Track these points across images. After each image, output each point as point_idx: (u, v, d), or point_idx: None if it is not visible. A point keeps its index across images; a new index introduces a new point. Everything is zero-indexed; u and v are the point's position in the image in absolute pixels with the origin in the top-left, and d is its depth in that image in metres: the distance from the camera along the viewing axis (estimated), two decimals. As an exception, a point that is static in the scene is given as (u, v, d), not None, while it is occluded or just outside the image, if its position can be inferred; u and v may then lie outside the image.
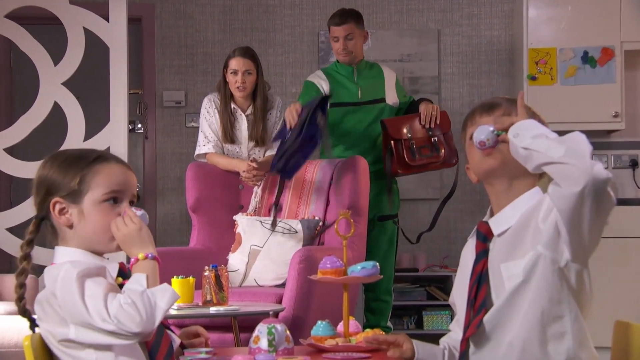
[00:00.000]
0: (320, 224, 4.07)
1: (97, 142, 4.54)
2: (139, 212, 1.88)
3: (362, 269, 2.13)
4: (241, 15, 5.66)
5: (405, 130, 4.23)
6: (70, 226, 1.88)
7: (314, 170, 4.23)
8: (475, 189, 5.49)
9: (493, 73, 5.65)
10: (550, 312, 1.90)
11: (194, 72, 5.63)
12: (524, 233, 1.95)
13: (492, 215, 2.07)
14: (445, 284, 5.34)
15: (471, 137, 2.05)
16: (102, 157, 1.91)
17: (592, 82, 5.15)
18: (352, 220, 2.25)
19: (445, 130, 4.32)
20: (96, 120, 4.67)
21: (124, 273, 1.92)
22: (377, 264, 2.16)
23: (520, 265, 1.91)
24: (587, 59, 5.18)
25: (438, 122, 4.27)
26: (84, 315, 1.72)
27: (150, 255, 1.84)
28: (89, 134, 4.59)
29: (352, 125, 4.34)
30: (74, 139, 4.54)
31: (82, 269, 1.78)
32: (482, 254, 2.01)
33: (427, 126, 4.25)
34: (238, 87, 4.18)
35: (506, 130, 1.96)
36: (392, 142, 4.24)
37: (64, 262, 1.83)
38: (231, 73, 4.20)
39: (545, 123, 2.06)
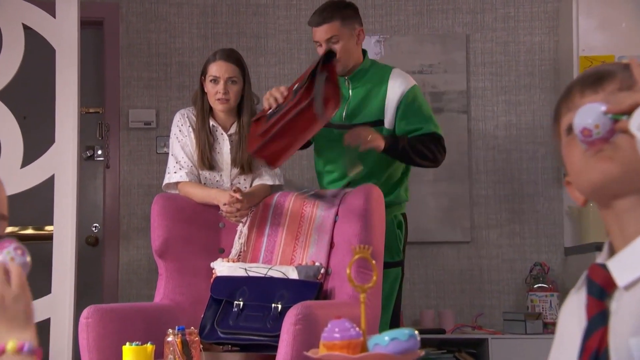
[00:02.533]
0: (322, 271, 3.69)
1: (38, 169, 4.18)
2: (8, 249, 1.23)
3: (393, 341, 1.46)
4: (225, 17, 5.41)
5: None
6: None
7: (314, 203, 3.87)
8: (515, 230, 5.18)
9: (534, 87, 5.35)
10: None
11: (167, 87, 5.38)
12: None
13: (612, 253, 1.40)
14: (478, 349, 4.94)
15: (569, 131, 1.44)
16: None
17: (660, 97, 4.71)
18: (373, 262, 1.61)
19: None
20: (47, 143, 4.33)
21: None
22: (416, 333, 1.49)
23: None
24: (653, 68, 4.75)
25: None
26: None
27: (27, 347, 1.19)
28: (31, 159, 4.24)
29: (340, 151, 3.98)
30: (9, 165, 4.15)
31: None
32: (599, 320, 1.35)
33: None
34: (219, 99, 3.86)
35: (627, 113, 1.33)
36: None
37: None
38: (211, 81, 3.88)
39: None
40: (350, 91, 3.93)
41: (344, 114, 3.91)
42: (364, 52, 4.00)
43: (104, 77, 5.39)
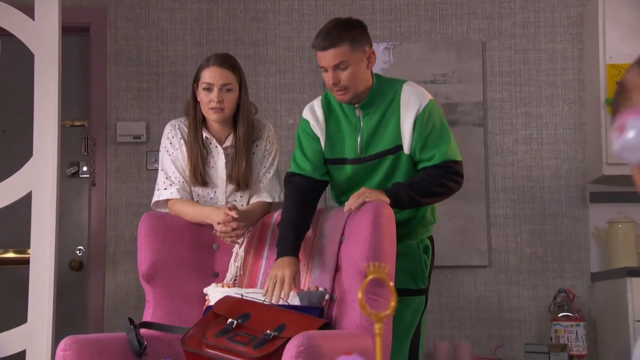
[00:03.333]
0: (327, 297, 3.54)
1: (14, 186, 4.12)
2: None
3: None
4: (222, 23, 5.37)
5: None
6: None
7: (318, 222, 3.75)
8: (536, 253, 5.19)
9: (557, 98, 5.30)
10: None
11: (159, 98, 5.34)
12: None
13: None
14: (498, 384, 4.92)
15: None
16: None
17: (694, 108, 4.72)
18: (390, 285, 1.41)
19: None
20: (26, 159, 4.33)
21: None
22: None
23: None
24: (687, 76, 4.76)
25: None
26: None
27: None
28: (7, 175, 4.22)
29: (356, 183, 3.80)
30: (-18, 180, 4.17)
31: None
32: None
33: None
34: (213, 108, 3.78)
35: None
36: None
37: None
38: (204, 89, 3.80)
39: None
40: (361, 122, 3.71)
41: (358, 147, 3.71)
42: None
43: (90, 88, 5.35)
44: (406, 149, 3.66)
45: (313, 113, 3.79)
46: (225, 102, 3.77)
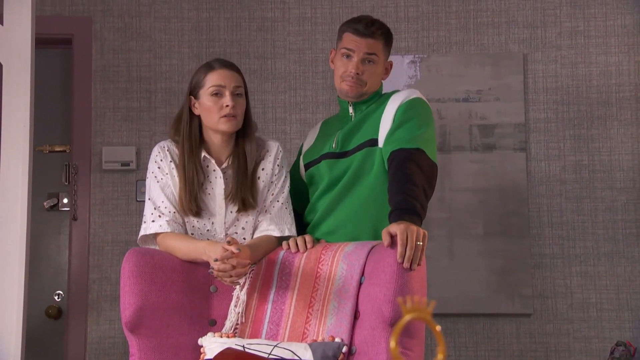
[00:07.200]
0: (344, 349, 3.44)
1: None
2: None
3: None
4: (223, 33, 5.37)
5: None
6: None
7: (333, 259, 3.71)
8: (589, 299, 5.08)
9: (611, 119, 5.24)
10: None
11: (151, 119, 5.32)
12: None
13: None
14: None
15: None
16: None
17: None
18: (437, 329, 1.21)
19: None
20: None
21: None
22: None
23: None
24: None
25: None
26: None
27: None
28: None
29: (327, 188, 3.96)
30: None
31: None
32: None
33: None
34: (226, 115, 3.73)
35: None
36: None
37: None
38: (212, 94, 3.76)
39: None
40: (352, 119, 3.97)
41: (333, 143, 3.91)
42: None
43: (72, 108, 5.32)
44: (381, 142, 3.79)
45: (312, 133, 4.08)
46: (238, 108, 3.74)
